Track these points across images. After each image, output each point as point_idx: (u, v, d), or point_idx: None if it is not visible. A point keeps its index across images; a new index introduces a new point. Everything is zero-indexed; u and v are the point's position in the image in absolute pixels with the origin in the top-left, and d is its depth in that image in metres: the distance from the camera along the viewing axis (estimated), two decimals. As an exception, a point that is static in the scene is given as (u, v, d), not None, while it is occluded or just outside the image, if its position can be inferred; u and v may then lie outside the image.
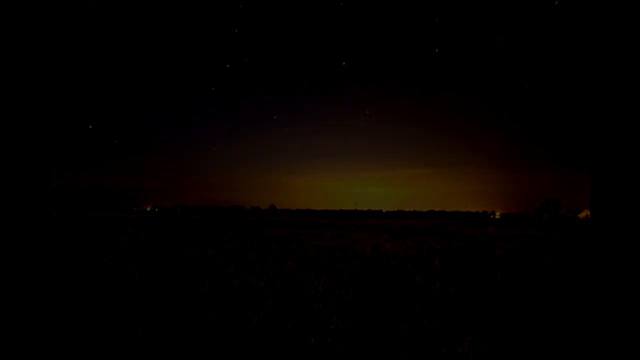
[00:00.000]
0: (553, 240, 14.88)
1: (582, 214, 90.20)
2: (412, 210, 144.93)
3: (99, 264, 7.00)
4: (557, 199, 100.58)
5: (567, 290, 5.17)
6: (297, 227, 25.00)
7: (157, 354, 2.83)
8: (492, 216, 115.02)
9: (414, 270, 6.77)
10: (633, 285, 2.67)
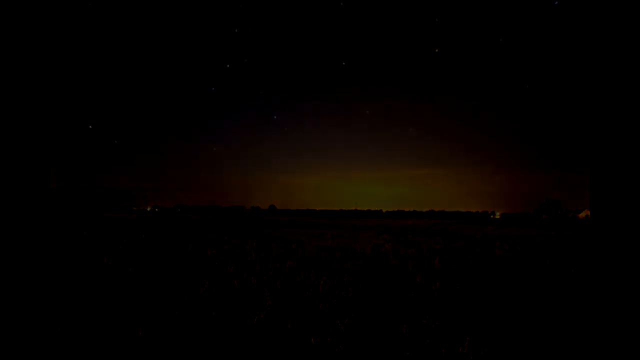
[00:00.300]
0: (553, 240, 14.88)
1: (582, 214, 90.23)
2: (412, 210, 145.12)
3: (99, 264, 7.00)
4: (557, 199, 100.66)
5: (567, 290, 5.17)
6: (297, 227, 25.00)
7: (157, 354, 2.83)
8: (492, 216, 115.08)
9: (414, 270, 6.77)
10: (633, 285, 2.67)
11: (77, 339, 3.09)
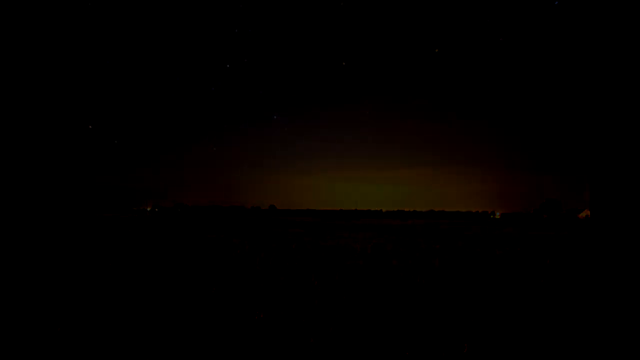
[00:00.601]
0: (553, 240, 14.88)
1: (582, 214, 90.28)
2: (412, 210, 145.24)
3: (99, 264, 7.00)
4: (557, 199, 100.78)
5: (567, 290, 5.17)
6: (297, 227, 25.01)
7: (157, 354, 2.84)
8: (492, 216, 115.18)
9: (414, 270, 6.77)
10: (632, 284, 2.67)
11: (78, 339, 3.09)
